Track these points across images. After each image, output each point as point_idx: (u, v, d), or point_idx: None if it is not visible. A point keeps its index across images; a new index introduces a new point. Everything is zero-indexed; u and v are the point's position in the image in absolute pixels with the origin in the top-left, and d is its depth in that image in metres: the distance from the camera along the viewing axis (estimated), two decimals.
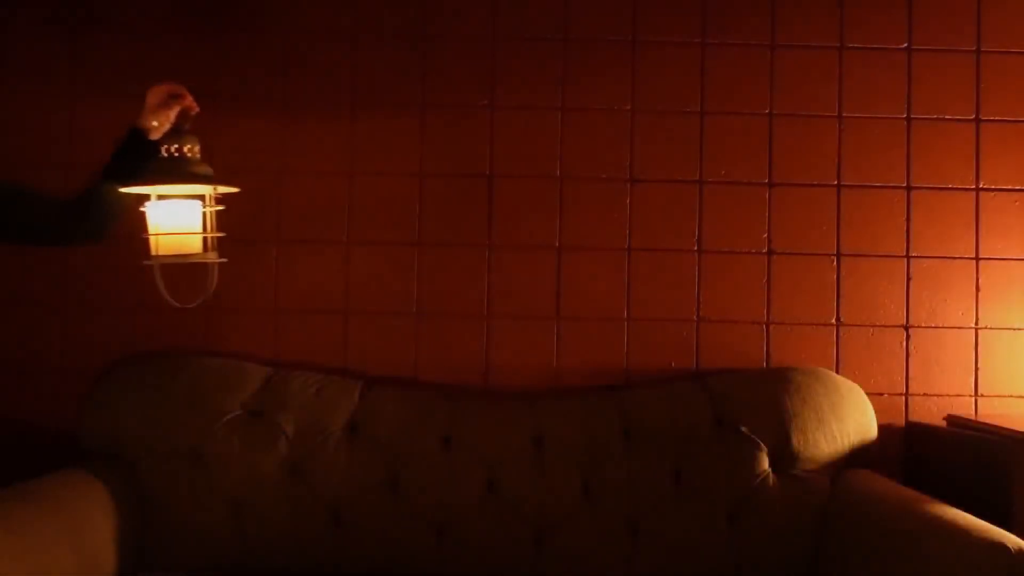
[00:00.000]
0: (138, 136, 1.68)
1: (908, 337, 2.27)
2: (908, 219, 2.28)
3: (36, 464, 1.87)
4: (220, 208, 1.75)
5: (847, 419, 2.05)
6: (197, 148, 1.67)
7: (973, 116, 2.29)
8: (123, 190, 1.68)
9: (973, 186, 2.29)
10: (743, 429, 2.03)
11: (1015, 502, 1.78)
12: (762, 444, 2.02)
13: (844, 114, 2.28)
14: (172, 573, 1.92)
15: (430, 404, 2.08)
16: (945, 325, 2.27)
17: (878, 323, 2.27)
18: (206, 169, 1.68)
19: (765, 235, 2.27)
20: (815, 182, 2.28)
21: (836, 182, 2.27)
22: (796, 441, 2.01)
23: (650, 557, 1.98)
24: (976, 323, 2.27)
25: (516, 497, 1.99)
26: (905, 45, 2.30)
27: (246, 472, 1.97)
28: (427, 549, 1.97)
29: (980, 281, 2.28)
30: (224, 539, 1.96)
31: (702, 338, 2.25)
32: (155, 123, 1.68)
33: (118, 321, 2.20)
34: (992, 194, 2.29)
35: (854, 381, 2.16)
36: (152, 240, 1.67)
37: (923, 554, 1.61)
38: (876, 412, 2.12)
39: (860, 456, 2.06)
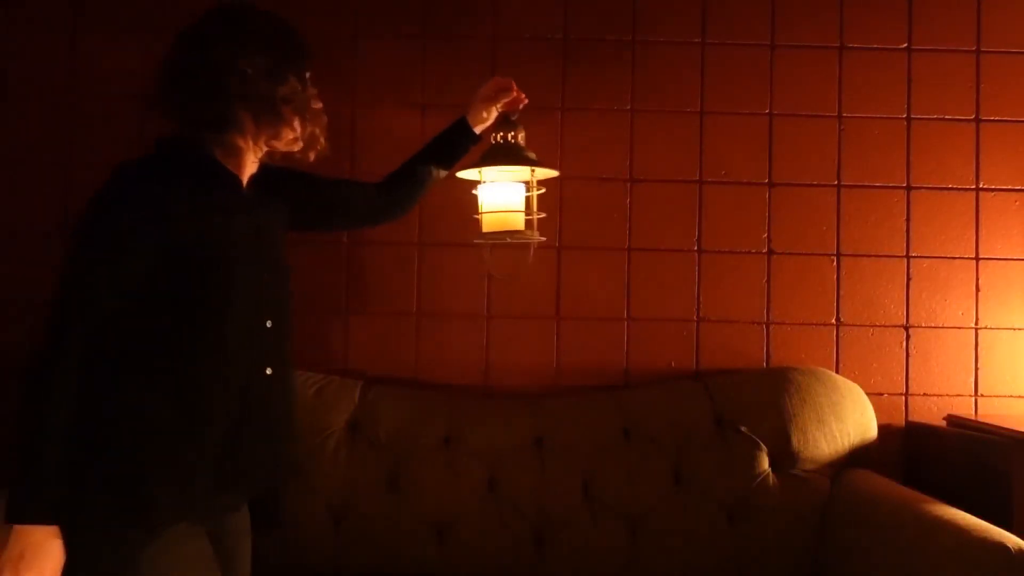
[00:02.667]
0: (462, 125, 1.84)
1: (908, 337, 2.27)
2: (908, 219, 2.28)
3: None
4: (541, 191, 1.96)
5: (847, 419, 2.06)
6: (523, 136, 1.87)
7: (973, 116, 2.29)
8: (460, 174, 1.90)
9: (973, 186, 2.29)
10: (743, 429, 2.03)
11: (1015, 502, 1.78)
12: (762, 444, 2.02)
13: (844, 114, 2.29)
14: None
15: (430, 404, 2.08)
16: (945, 325, 2.27)
17: (878, 323, 2.27)
18: (532, 155, 1.86)
19: (765, 235, 2.27)
20: (815, 182, 2.28)
21: (836, 182, 2.28)
22: (796, 441, 2.01)
23: (650, 557, 1.98)
24: (976, 323, 2.27)
25: (516, 497, 1.99)
26: (905, 45, 2.30)
27: None
28: (427, 549, 1.97)
29: (980, 281, 2.28)
30: None
31: (702, 338, 2.25)
32: (484, 114, 1.84)
33: None
34: (992, 194, 2.29)
35: (854, 381, 2.16)
36: (483, 218, 1.91)
37: (923, 554, 1.61)
38: (876, 412, 2.13)
39: (860, 456, 2.06)
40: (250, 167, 1.47)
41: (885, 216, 2.28)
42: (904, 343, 2.27)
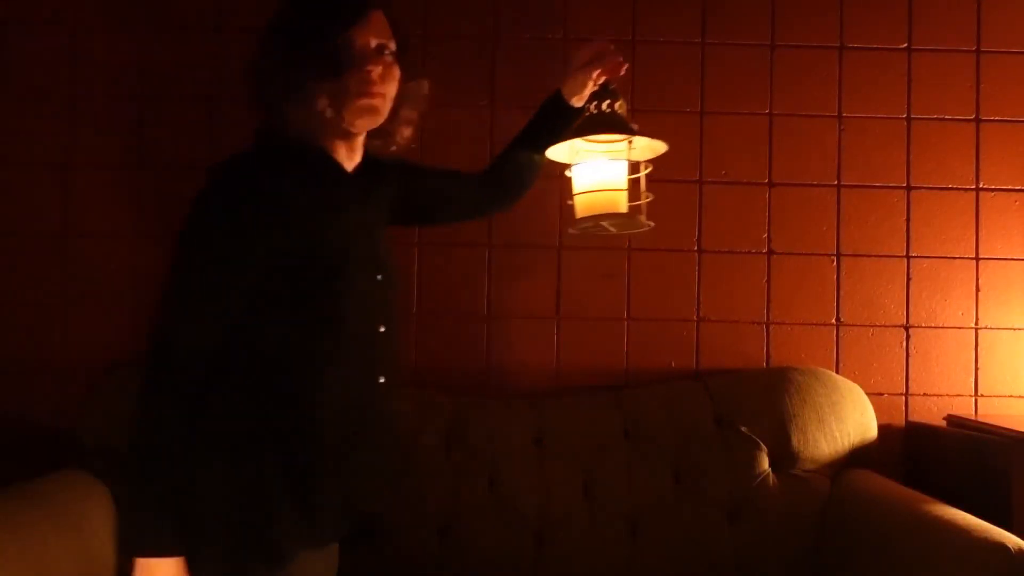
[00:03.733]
0: (557, 99, 1.62)
1: (908, 337, 2.27)
2: (908, 219, 2.28)
3: (36, 464, 1.87)
4: (650, 170, 1.62)
5: (847, 419, 2.06)
6: (624, 106, 1.57)
7: (973, 116, 2.29)
8: (548, 152, 1.61)
9: (973, 186, 2.29)
10: (743, 429, 2.03)
11: (1015, 502, 1.78)
12: (762, 444, 2.02)
13: (844, 114, 2.28)
14: None
15: (430, 404, 2.08)
16: (945, 325, 2.27)
17: (878, 323, 2.27)
18: (634, 127, 1.56)
19: (765, 235, 2.27)
20: (815, 182, 2.28)
21: (836, 182, 2.28)
22: (796, 441, 2.01)
23: (650, 557, 1.98)
24: (976, 323, 2.27)
25: (516, 497, 1.99)
26: (905, 45, 2.30)
27: None
28: (427, 549, 1.96)
29: (980, 281, 2.28)
30: None
31: (702, 338, 2.25)
32: (581, 84, 1.59)
33: (118, 321, 2.20)
34: (992, 194, 2.29)
35: (854, 381, 2.16)
36: (576, 201, 1.60)
37: (923, 554, 1.61)
38: (876, 412, 2.13)
39: (860, 456, 2.06)
40: (349, 154, 1.35)
41: (885, 216, 2.28)
42: (904, 343, 2.27)
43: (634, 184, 1.58)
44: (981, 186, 2.29)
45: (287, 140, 1.30)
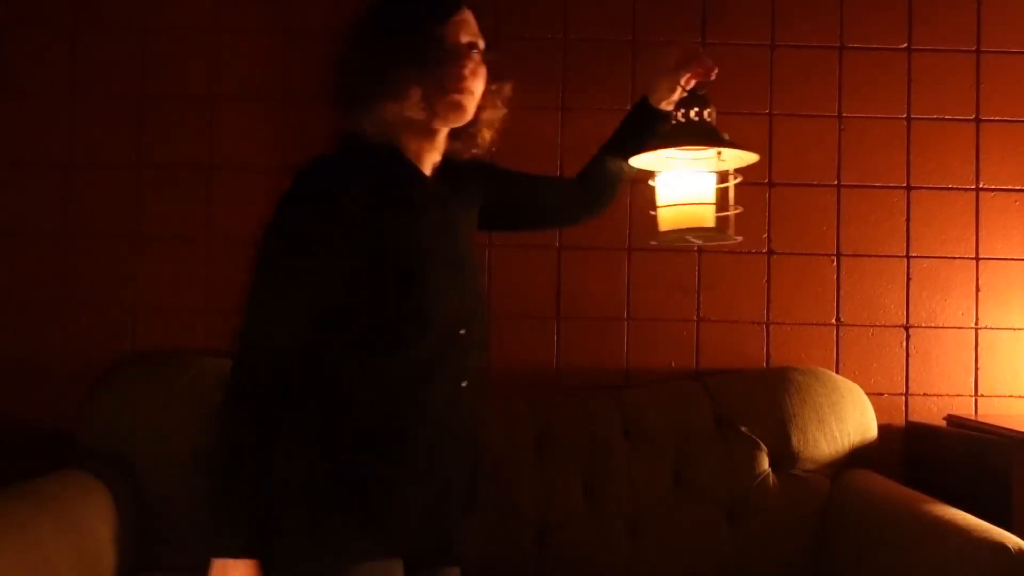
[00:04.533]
0: (644, 105, 1.55)
1: (908, 337, 2.27)
2: (908, 219, 2.28)
3: (36, 464, 1.86)
4: (739, 180, 1.52)
5: (847, 419, 2.06)
6: (714, 113, 1.45)
7: (973, 116, 2.29)
8: (632, 161, 1.52)
9: (973, 186, 2.29)
10: (743, 429, 2.03)
11: (1015, 502, 1.78)
12: (762, 444, 2.02)
13: (844, 114, 2.28)
14: (172, 573, 1.92)
15: None
16: (945, 325, 2.27)
17: (878, 323, 2.27)
18: (726, 136, 1.44)
19: (765, 235, 2.27)
20: (815, 182, 2.28)
21: (836, 182, 2.28)
22: (796, 441, 2.01)
23: (650, 557, 1.98)
24: (976, 323, 2.27)
25: (516, 497, 1.99)
26: (905, 45, 2.30)
27: None
28: None
29: (980, 281, 2.28)
30: None
31: (702, 338, 2.25)
32: (669, 89, 1.51)
33: (118, 321, 2.20)
34: (992, 194, 2.29)
35: (854, 381, 2.16)
36: (660, 214, 1.51)
37: (923, 554, 1.61)
38: (876, 412, 2.12)
39: (860, 456, 2.06)
40: (427, 156, 1.33)
41: (885, 216, 2.28)
42: (904, 343, 2.27)
43: (721, 194, 1.50)
44: (981, 186, 2.29)
45: (368, 142, 1.29)
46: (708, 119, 1.44)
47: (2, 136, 2.22)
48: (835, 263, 2.27)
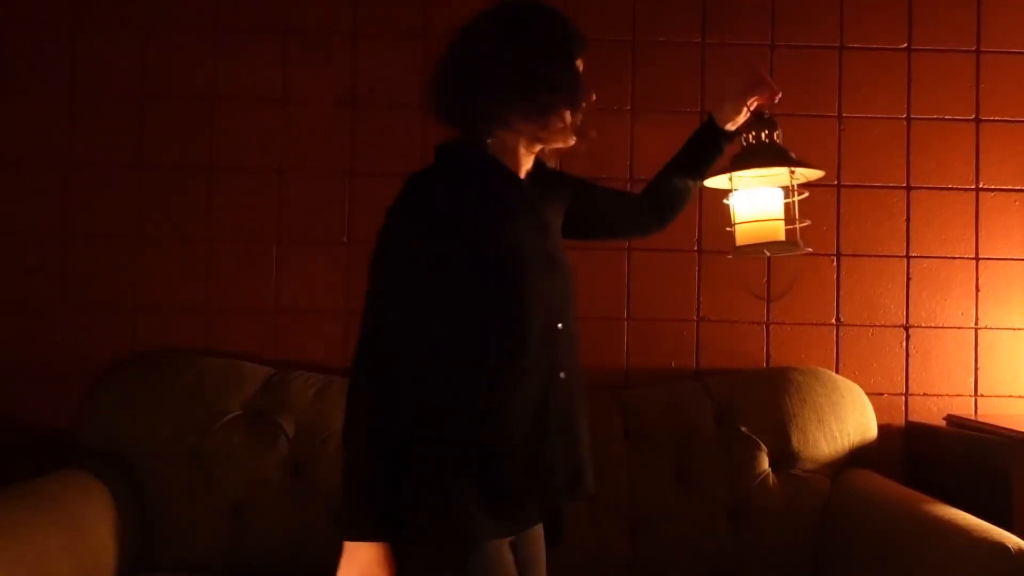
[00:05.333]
0: (712, 125, 1.64)
1: (908, 337, 2.27)
2: (908, 219, 2.28)
3: (36, 464, 1.87)
4: (804, 196, 1.68)
5: (847, 419, 2.06)
6: (781, 134, 1.61)
7: (973, 116, 2.29)
8: (709, 182, 1.65)
9: (973, 186, 2.29)
10: (743, 429, 2.03)
11: (1015, 502, 1.78)
12: (762, 444, 2.02)
13: (844, 114, 2.29)
14: (172, 573, 1.92)
15: None
16: (945, 325, 2.27)
17: (878, 323, 2.27)
18: (793, 155, 1.60)
19: None
20: (815, 182, 2.28)
21: (836, 182, 2.28)
22: (796, 441, 2.01)
23: (650, 557, 1.98)
24: (976, 323, 2.27)
25: None
26: (905, 45, 2.30)
27: (246, 472, 1.97)
28: None
29: (980, 281, 2.28)
30: (224, 539, 1.96)
31: (702, 338, 2.25)
32: (736, 111, 1.62)
33: (118, 321, 2.20)
34: (992, 194, 2.29)
35: (854, 381, 2.16)
36: (737, 230, 1.64)
37: (923, 554, 1.61)
38: (876, 412, 2.13)
39: (860, 456, 2.07)
40: (525, 163, 1.40)
41: (885, 216, 2.28)
42: (904, 343, 2.27)
43: (788, 207, 1.64)
44: (981, 186, 2.29)
45: (470, 150, 1.35)
46: (776, 140, 1.59)
47: (2, 136, 2.22)
48: (835, 263, 2.27)
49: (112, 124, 2.24)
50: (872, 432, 2.09)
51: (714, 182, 1.66)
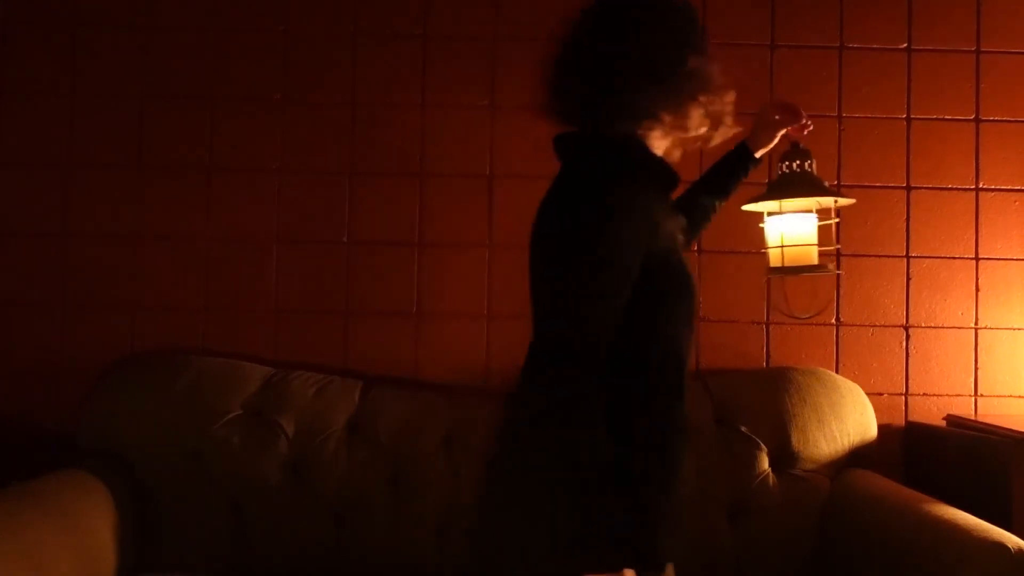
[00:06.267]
0: (744, 151, 1.71)
1: (908, 337, 2.27)
2: (908, 219, 2.28)
3: (36, 464, 1.87)
4: (836, 220, 1.82)
5: (847, 419, 2.06)
6: (814, 164, 1.73)
7: (973, 116, 2.29)
8: (747, 207, 1.74)
9: (973, 186, 2.29)
10: (743, 429, 2.03)
11: (1015, 502, 1.78)
12: (762, 444, 2.02)
13: (844, 114, 2.29)
14: (172, 574, 1.92)
15: (430, 404, 2.08)
16: (945, 325, 2.27)
17: (878, 323, 2.27)
18: (826, 184, 1.73)
19: None
20: None
21: (836, 182, 2.28)
22: (796, 441, 2.01)
23: None
24: (976, 323, 2.27)
25: None
26: (905, 45, 2.30)
27: (246, 472, 1.97)
28: (427, 549, 1.97)
29: (980, 281, 2.28)
30: (224, 539, 1.96)
31: (702, 338, 2.25)
32: (767, 139, 1.70)
33: (118, 321, 2.20)
34: (992, 194, 2.29)
35: (854, 381, 2.16)
36: (772, 253, 1.76)
37: (923, 554, 1.61)
38: (876, 412, 2.13)
39: (860, 456, 2.06)
40: (676, 160, 1.38)
41: (885, 216, 2.28)
42: (904, 343, 2.27)
43: (821, 230, 1.75)
44: (981, 186, 2.29)
45: (640, 149, 1.30)
46: (809, 169, 1.70)
47: (2, 136, 2.22)
48: (835, 263, 2.27)
49: (112, 124, 2.24)
50: (872, 432, 2.09)
51: (751, 207, 1.78)
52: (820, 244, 1.73)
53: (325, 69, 2.26)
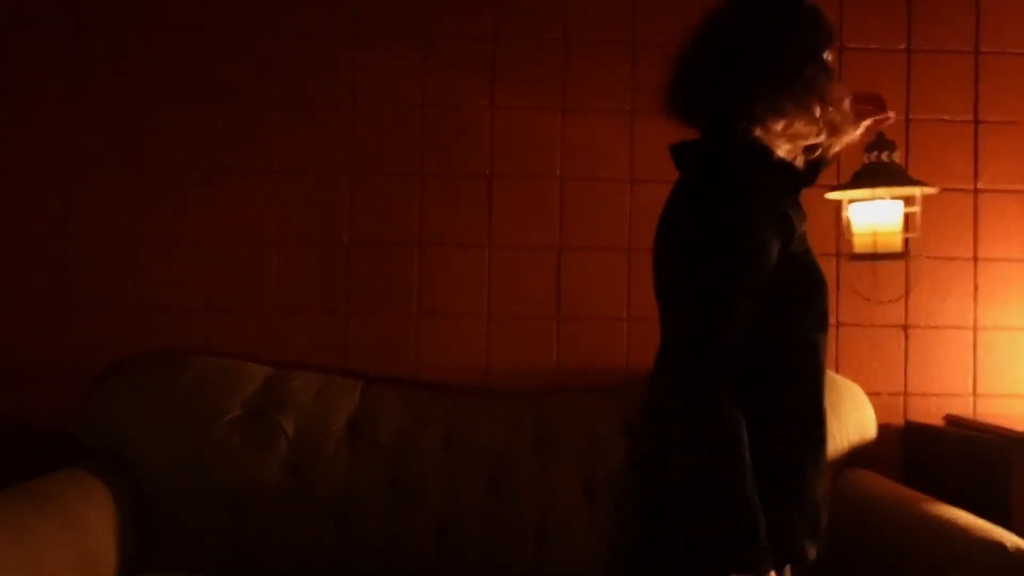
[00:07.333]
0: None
1: (907, 337, 2.27)
2: (907, 219, 2.28)
3: (36, 464, 1.87)
4: (915, 210, 1.88)
5: (846, 419, 2.06)
6: (896, 154, 1.82)
7: (972, 117, 2.29)
8: (830, 195, 1.79)
9: (972, 187, 2.29)
10: None
11: (1014, 502, 1.78)
12: None
13: None
14: (172, 573, 1.92)
15: (430, 404, 2.08)
16: (944, 325, 2.27)
17: (877, 323, 2.27)
18: (909, 175, 1.79)
19: None
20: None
21: (836, 182, 2.27)
22: None
23: None
24: (975, 323, 2.27)
25: (516, 497, 1.99)
26: (905, 45, 2.30)
27: (247, 472, 1.97)
28: (427, 549, 1.97)
29: (979, 281, 2.28)
30: (224, 539, 1.96)
31: None
32: (858, 132, 1.62)
33: (118, 321, 2.20)
34: (991, 195, 2.29)
35: (853, 381, 2.16)
36: (858, 240, 1.83)
37: (922, 553, 1.61)
38: (875, 412, 2.13)
39: (860, 456, 2.07)
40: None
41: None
42: (903, 343, 2.27)
43: (913, 218, 1.82)
44: (980, 187, 2.29)
45: (765, 152, 1.30)
46: (894, 160, 1.77)
47: (2, 136, 2.22)
48: (835, 263, 2.27)
49: (112, 124, 2.24)
50: (871, 432, 2.10)
51: (836, 195, 1.85)
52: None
53: (325, 69, 2.26)
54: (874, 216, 1.79)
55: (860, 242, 1.80)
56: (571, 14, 2.28)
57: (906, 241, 1.82)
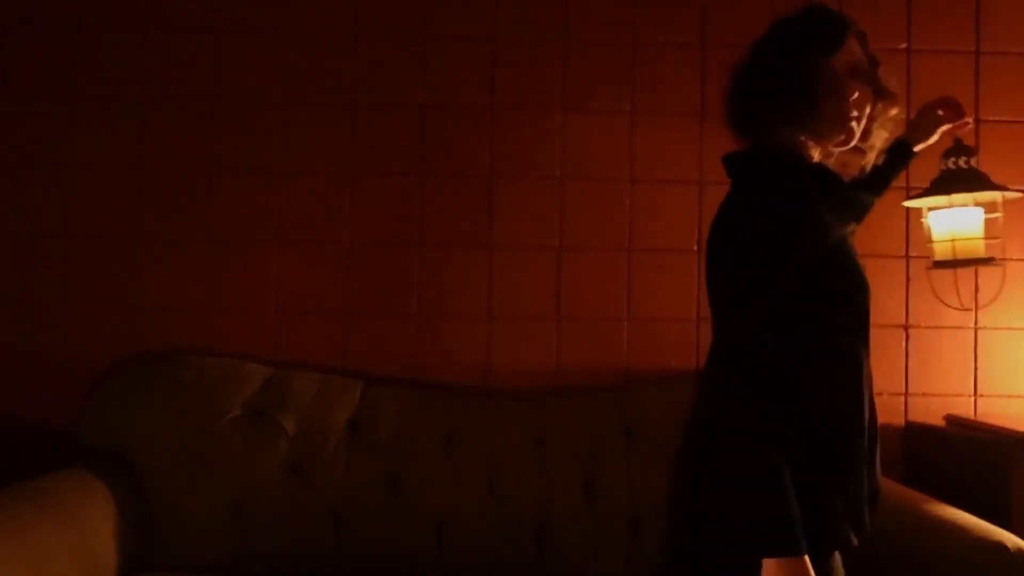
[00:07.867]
0: (903, 146, 1.72)
1: (908, 337, 2.27)
2: (907, 219, 2.28)
3: (36, 464, 1.87)
4: (997, 215, 1.90)
5: None
6: (974, 160, 1.82)
7: (973, 117, 2.28)
8: (908, 203, 1.85)
9: None
10: None
11: (1014, 502, 1.78)
12: None
13: None
14: (172, 573, 1.92)
15: (430, 404, 2.08)
16: (944, 325, 2.27)
17: (878, 323, 2.26)
18: (988, 180, 1.80)
19: None
20: None
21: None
22: None
23: (650, 557, 1.97)
24: (975, 323, 2.27)
25: (516, 497, 1.99)
26: (905, 45, 2.30)
27: (247, 472, 1.97)
28: (427, 549, 1.97)
29: (979, 281, 2.28)
30: (224, 539, 1.96)
31: (702, 338, 2.25)
32: (926, 136, 1.71)
33: (118, 321, 2.20)
34: None
35: None
36: (939, 247, 1.86)
37: (922, 553, 1.61)
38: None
39: None
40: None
41: (885, 216, 2.28)
42: (904, 343, 2.27)
43: (996, 223, 1.83)
44: None
45: (800, 159, 1.35)
46: (973, 165, 1.78)
47: (2, 137, 2.22)
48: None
49: (112, 124, 2.24)
50: None
51: (913, 203, 1.89)
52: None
53: (325, 69, 2.26)
54: (953, 223, 1.83)
55: (939, 249, 1.85)
56: (571, 14, 2.28)
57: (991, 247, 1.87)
